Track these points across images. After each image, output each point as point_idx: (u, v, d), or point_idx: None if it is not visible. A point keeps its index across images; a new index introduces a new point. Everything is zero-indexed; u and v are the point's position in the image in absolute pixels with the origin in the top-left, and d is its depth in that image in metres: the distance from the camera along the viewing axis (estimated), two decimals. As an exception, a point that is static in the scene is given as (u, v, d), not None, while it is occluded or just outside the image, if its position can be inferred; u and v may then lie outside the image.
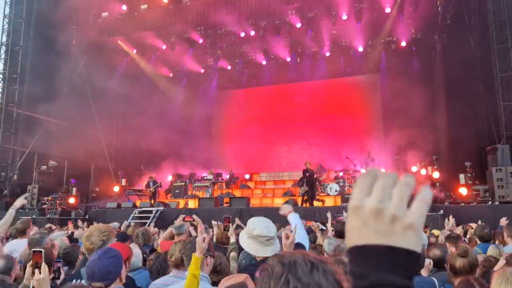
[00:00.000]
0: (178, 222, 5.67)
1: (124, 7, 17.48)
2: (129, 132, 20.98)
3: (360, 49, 18.73)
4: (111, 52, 19.06)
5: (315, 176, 15.03)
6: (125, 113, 20.76)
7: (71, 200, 15.92)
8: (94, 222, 11.63)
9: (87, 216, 14.79)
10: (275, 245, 2.85)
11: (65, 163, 17.34)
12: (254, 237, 2.79)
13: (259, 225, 2.88)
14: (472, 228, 5.81)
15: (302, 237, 3.19)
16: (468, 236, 6.39)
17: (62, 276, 2.99)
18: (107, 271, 2.26)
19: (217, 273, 3.49)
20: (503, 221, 6.41)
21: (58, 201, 15.39)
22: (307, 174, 14.64)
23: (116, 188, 18.01)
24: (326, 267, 0.96)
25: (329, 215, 7.23)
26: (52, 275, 2.63)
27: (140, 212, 14.08)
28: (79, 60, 18.40)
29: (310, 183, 14.61)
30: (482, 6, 16.46)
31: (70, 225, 9.97)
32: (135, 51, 19.09)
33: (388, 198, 0.68)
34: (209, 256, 2.83)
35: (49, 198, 15.48)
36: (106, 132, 19.93)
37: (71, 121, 17.55)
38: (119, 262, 2.32)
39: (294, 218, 3.37)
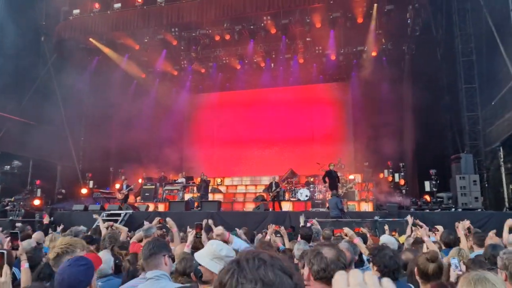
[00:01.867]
0: (147, 225, 5.59)
1: (97, 6, 17.14)
2: (98, 133, 20.51)
3: (333, 57, 19.07)
4: (82, 50, 18.61)
5: (338, 177, 14.51)
6: (95, 114, 20.29)
7: (36, 202, 15.41)
8: (59, 225, 11.29)
9: (52, 219, 14.33)
10: None
11: (30, 163, 16.79)
12: (221, 257, 2.82)
13: (224, 246, 2.91)
14: (438, 231, 6.00)
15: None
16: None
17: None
18: (76, 279, 2.21)
19: (187, 275, 3.46)
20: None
21: (21, 203, 14.87)
22: (327, 177, 14.21)
23: (84, 190, 17.56)
24: (274, 262, 0.98)
25: (301, 219, 7.35)
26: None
27: (108, 215, 13.77)
28: (48, 57, 17.90)
29: (334, 186, 14.16)
30: (448, 20, 17.12)
31: (45, 217, 9.81)
32: (107, 50, 18.71)
33: None
34: (167, 255, 2.85)
35: (12, 199, 14.92)
36: (74, 133, 19.44)
37: (38, 120, 17.02)
38: (90, 271, 2.27)
39: (237, 243, 3.23)
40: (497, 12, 13.61)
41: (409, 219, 7.31)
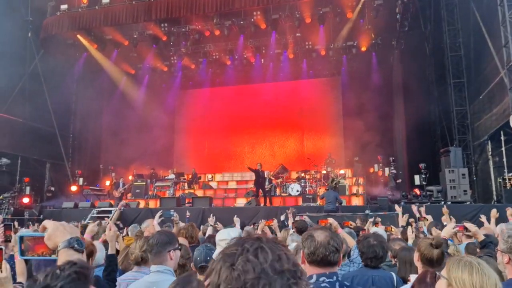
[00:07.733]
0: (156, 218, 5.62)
1: (85, 1, 16.90)
2: (87, 130, 20.37)
3: (323, 52, 19.09)
4: (69, 46, 18.38)
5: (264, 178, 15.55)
6: (84, 110, 20.13)
7: (25, 200, 15.23)
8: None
9: (41, 216, 14.20)
10: None
11: (18, 161, 16.58)
12: (218, 242, 2.89)
13: (223, 231, 2.96)
14: (428, 220, 6.07)
15: None
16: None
17: None
18: None
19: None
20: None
21: (10, 201, 14.70)
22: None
23: (74, 188, 17.39)
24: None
25: (290, 214, 7.42)
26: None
27: (99, 212, 13.70)
28: (35, 53, 17.64)
29: (260, 185, 15.19)
30: (436, 15, 17.23)
31: (30, 228, 9.27)
32: (95, 46, 18.49)
33: None
34: (172, 250, 2.73)
35: (0, 197, 14.75)
36: (63, 130, 19.23)
37: (26, 117, 16.82)
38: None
39: None
40: (484, 6, 13.74)
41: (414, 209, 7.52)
